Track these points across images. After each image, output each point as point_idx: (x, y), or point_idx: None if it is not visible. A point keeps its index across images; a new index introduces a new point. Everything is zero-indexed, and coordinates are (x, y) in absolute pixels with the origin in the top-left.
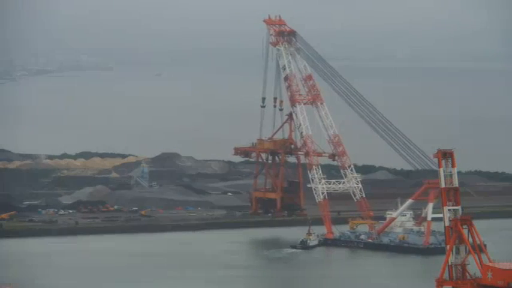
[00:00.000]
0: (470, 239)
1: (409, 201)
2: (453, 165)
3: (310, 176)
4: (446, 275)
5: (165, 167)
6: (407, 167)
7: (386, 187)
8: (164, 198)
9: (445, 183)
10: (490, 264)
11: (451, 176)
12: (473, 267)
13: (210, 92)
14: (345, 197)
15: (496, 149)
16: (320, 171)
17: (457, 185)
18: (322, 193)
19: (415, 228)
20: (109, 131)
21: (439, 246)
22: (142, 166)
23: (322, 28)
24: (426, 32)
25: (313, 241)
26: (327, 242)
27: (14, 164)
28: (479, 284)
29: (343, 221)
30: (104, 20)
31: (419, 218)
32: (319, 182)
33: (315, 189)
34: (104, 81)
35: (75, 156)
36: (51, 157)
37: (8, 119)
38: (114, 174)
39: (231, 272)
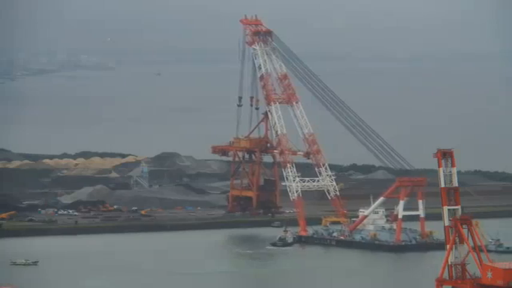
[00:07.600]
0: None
1: (381, 199)
2: (453, 165)
3: (284, 174)
4: (446, 275)
5: (165, 166)
6: (405, 167)
7: (385, 187)
8: (164, 198)
9: (445, 183)
10: (490, 263)
11: (450, 175)
12: (473, 267)
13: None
14: (321, 195)
15: (496, 149)
16: (294, 170)
17: (456, 185)
18: (296, 191)
19: (387, 225)
20: (109, 131)
21: (409, 244)
22: (142, 166)
23: (324, 27)
24: (427, 31)
25: (289, 238)
26: (301, 240)
27: (14, 164)
28: (479, 283)
29: (318, 220)
30: (104, 20)
31: (391, 216)
32: (293, 180)
33: (289, 187)
34: (104, 81)
35: (75, 156)
36: (51, 157)
37: (7, 119)
38: (113, 174)
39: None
